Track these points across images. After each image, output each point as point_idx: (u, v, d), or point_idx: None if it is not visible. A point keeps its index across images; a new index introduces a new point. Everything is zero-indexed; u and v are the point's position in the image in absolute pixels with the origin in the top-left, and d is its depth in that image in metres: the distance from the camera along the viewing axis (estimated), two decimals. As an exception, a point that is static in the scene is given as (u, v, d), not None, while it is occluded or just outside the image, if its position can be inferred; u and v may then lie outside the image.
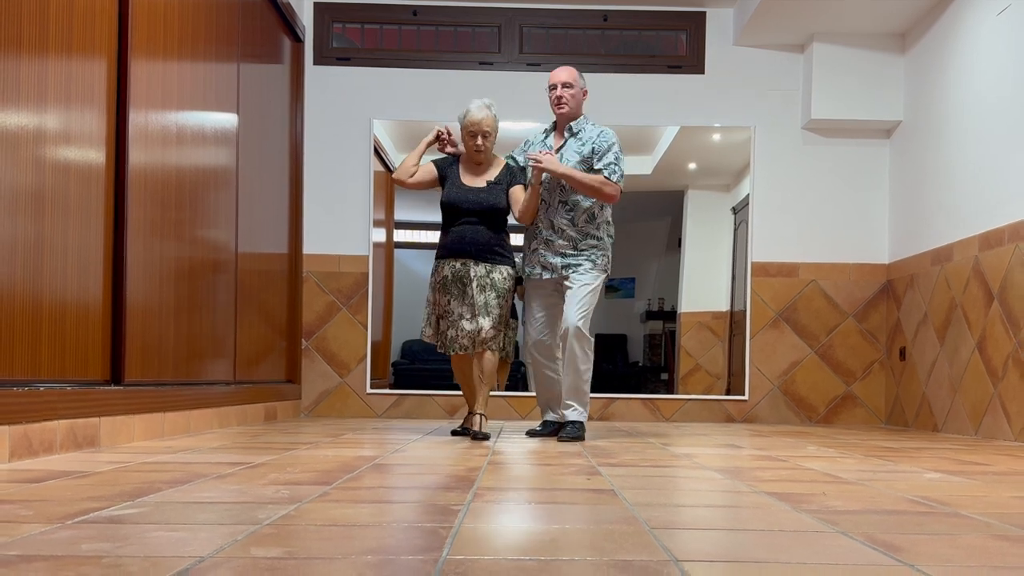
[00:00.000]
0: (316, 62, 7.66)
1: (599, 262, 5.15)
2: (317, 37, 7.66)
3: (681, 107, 7.71)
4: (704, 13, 7.74)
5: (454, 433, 5.32)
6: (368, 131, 7.66)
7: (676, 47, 7.77)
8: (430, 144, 5.23)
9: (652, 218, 8.05)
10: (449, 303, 5.07)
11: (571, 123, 5.21)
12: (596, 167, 5.07)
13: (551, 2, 7.65)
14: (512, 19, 7.69)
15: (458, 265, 5.06)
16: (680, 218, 8.10)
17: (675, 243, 8.10)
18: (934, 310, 6.76)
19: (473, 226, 5.07)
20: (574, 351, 5.05)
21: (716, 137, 7.92)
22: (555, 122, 5.32)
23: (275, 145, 6.90)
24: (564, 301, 5.17)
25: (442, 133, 5.23)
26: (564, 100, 5.15)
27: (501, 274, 5.07)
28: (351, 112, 7.65)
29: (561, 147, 5.19)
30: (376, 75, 7.68)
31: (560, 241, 5.14)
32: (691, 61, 7.72)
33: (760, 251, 7.67)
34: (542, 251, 5.18)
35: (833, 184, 7.69)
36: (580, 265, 5.12)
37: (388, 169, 7.83)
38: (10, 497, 2.46)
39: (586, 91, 5.29)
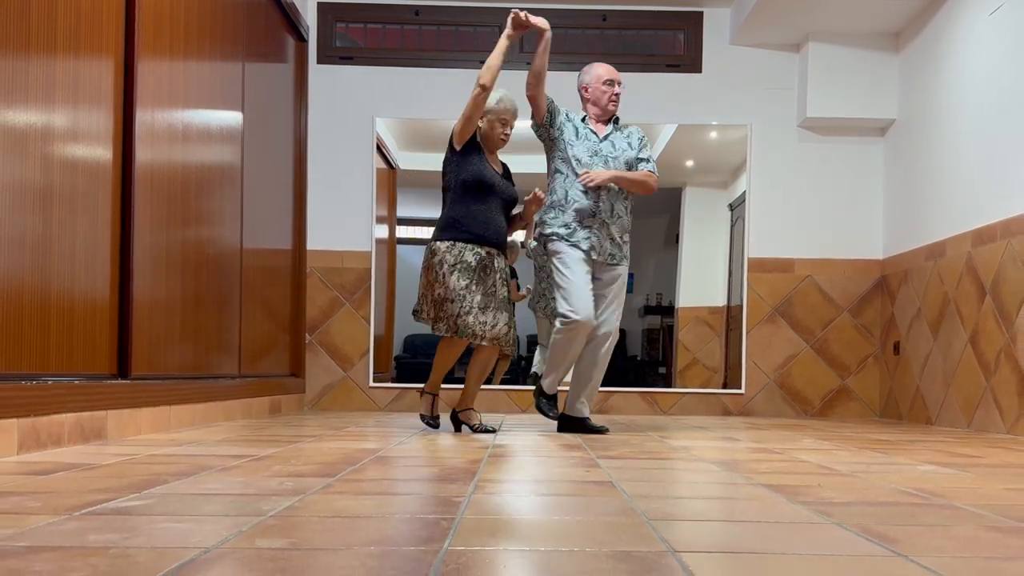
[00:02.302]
0: (320, 61, 7.70)
1: (628, 257, 5.28)
2: (321, 36, 7.70)
3: (679, 105, 7.74)
4: (701, 13, 7.77)
5: (454, 424, 5.16)
6: (371, 129, 7.69)
7: (674, 46, 7.81)
8: (512, 39, 4.91)
9: (650, 215, 8.07)
10: (468, 287, 4.75)
11: (616, 116, 5.35)
12: (640, 156, 5.23)
13: (551, 2, 7.67)
14: (513, 19, 7.72)
15: (483, 253, 4.84)
16: (678, 215, 8.13)
17: (673, 239, 8.13)
18: (928, 305, 6.80)
19: (497, 215, 4.95)
20: (608, 354, 5.20)
21: (713, 135, 7.95)
22: (585, 116, 5.33)
23: (279, 143, 6.92)
24: (601, 291, 5.16)
25: (520, 17, 4.87)
26: (618, 100, 5.34)
27: (507, 270, 5.02)
28: (354, 110, 7.68)
29: (609, 135, 5.27)
30: (378, 74, 7.72)
31: (614, 228, 5.15)
32: (689, 60, 7.76)
33: (756, 247, 7.72)
34: (597, 230, 5.10)
35: (828, 181, 7.73)
36: (619, 264, 5.20)
37: (390, 166, 7.87)
38: (18, 489, 2.47)
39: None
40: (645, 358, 8.23)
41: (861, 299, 7.70)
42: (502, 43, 4.86)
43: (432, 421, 5.14)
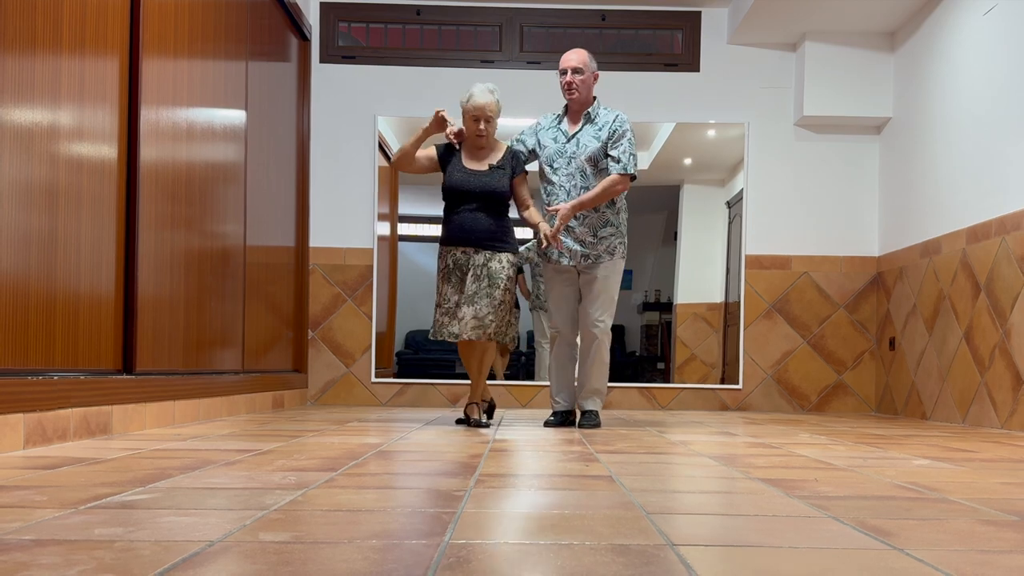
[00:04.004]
0: (322, 60, 7.74)
1: (618, 250, 5.16)
2: (323, 36, 7.73)
3: (677, 104, 7.77)
4: (699, 13, 7.80)
5: (458, 422, 5.28)
6: (372, 127, 7.72)
7: (672, 46, 7.83)
8: (430, 133, 5.00)
9: (649, 212, 8.10)
10: (447, 291, 5.01)
11: (587, 109, 5.16)
12: (611, 153, 5.05)
13: (551, 2, 7.70)
14: (513, 18, 7.75)
15: (459, 254, 4.99)
16: (676, 212, 8.16)
17: (671, 236, 8.16)
18: (923, 301, 6.83)
19: (473, 213, 4.97)
20: (600, 352, 5.18)
21: (711, 133, 7.98)
22: (566, 106, 5.26)
23: (282, 141, 6.94)
24: (584, 291, 5.22)
25: (446, 121, 4.97)
26: (575, 86, 5.11)
27: (500, 263, 4.94)
28: (356, 109, 7.71)
29: (577, 132, 5.14)
30: (380, 73, 7.75)
31: (580, 228, 5.11)
32: (686, 59, 7.79)
33: (754, 244, 7.75)
34: (561, 237, 5.10)
35: (825, 179, 7.77)
36: (599, 256, 5.13)
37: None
38: (25, 483, 2.49)
39: (597, 74, 5.22)
40: (644, 354, 8.26)
41: (857, 295, 7.73)
42: (420, 133, 5.01)
43: (464, 419, 5.25)
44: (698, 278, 8.16)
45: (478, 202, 4.98)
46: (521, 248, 5.27)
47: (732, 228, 7.96)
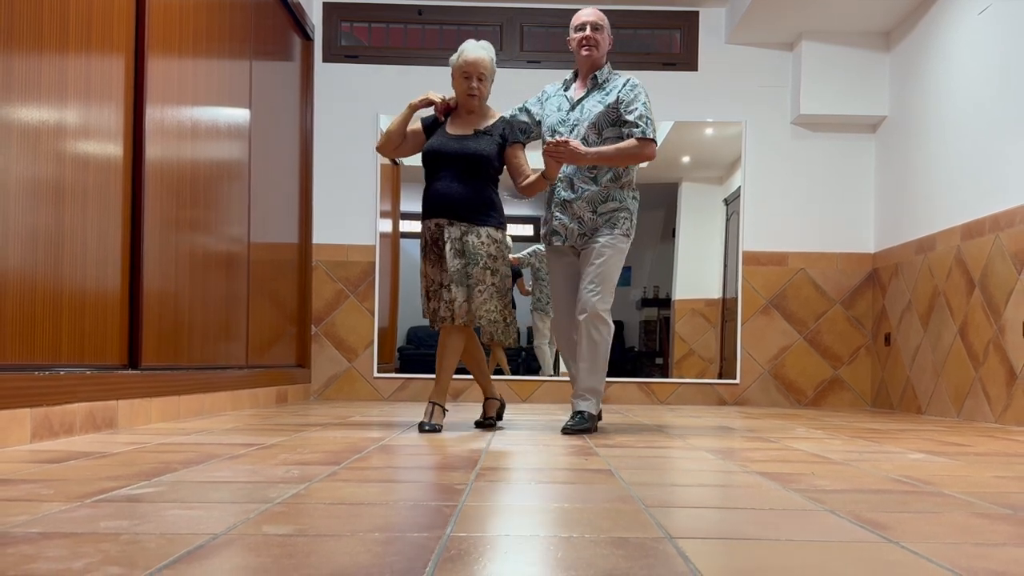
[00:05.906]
0: (325, 59, 7.77)
1: (620, 224, 4.46)
2: (326, 35, 7.77)
3: (675, 103, 7.80)
4: (697, 12, 7.83)
5: (478, 425, 4.68)
6: (375, 126, 7.74)
7: (670, 45, 7.86)
8: (415, 108, 4.52)
9: (647, 209, 8.09)
10: (426, 271, 4.45)
11: (596, 72, 4.58)
12: (626, 118, 4.45)
13: (551, 2, 7.73)
14: (513, 18, 7.78)
15: (432, 227, 4.42)
16: (674, 209, 8.17)
17: (669, 233, 8.17)
18: (918, 297, 6.86)
19: (448, 181, 4.38)
20: (591, 336, 4.38)
21: (709, 131, 8.00)
22: (575, 72, 4.69)
23: (286, 139, 6.97)
24: (581, 269, 4.51)
25: (439, 103, 4.54)
26: (592, 42, 4.53)
27: (478, 236, 4.32)
28: (358, 107, 7.74)
29: (583, 98, 4.55)
30: (382, 72, 7.78)
31: (579, 203, 4.47)
32: (685, 58, 7.82)
33: (751, 241, 7.78)
34: (558, 213, 4.54)
35: (821, 177, 7.80)
36: (598, 230, 4.46)
37: (394, 162, 7.90)
38: (32, 477, 2.50)
39: (611, 40, 4.69)
40: (642, 349, 8.27)
41: (853, 292, 7.77)
42: (406, 111, 4.53)
43: (429, 427, 4.32)
44: (696, 274, 8.18)
45: (454, 168, 4.38)
46: (524, 252, 4.97)
47: (729, 225, 7.99)
